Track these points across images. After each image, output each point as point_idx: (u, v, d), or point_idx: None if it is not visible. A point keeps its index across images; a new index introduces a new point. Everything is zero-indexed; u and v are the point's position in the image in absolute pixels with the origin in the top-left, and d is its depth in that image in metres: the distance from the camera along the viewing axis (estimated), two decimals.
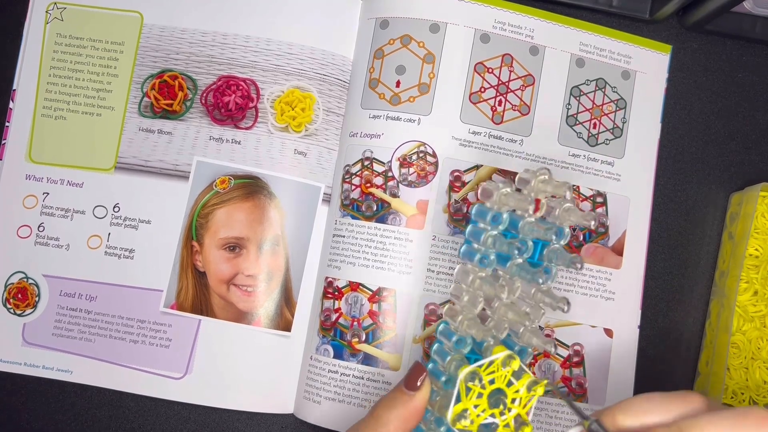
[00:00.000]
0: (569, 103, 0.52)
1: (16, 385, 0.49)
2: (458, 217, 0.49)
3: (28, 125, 0.50)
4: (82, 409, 0.50)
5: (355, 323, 0.48)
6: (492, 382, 0.36)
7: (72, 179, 0.50)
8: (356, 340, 0.48)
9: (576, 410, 0.33)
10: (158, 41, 0.51)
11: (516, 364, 0.36)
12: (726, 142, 0.55)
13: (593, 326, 0.50)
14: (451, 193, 0.49)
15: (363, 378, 0.47)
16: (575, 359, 0.49)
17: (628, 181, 0.52)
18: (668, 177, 0.54)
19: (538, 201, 0.38)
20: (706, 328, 0.53)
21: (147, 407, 0.50)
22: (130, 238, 0.49)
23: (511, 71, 0.51)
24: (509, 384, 0.36)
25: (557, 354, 0.49)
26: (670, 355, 0.53)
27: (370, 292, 0.48)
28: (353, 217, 0.49)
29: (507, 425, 0.35)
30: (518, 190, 0.39)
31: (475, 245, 0.39)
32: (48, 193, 0.50)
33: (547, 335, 0.49)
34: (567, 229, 0.37)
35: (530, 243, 0.38)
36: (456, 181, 0.49)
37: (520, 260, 0.38)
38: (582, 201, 0.51)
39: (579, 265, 0.36)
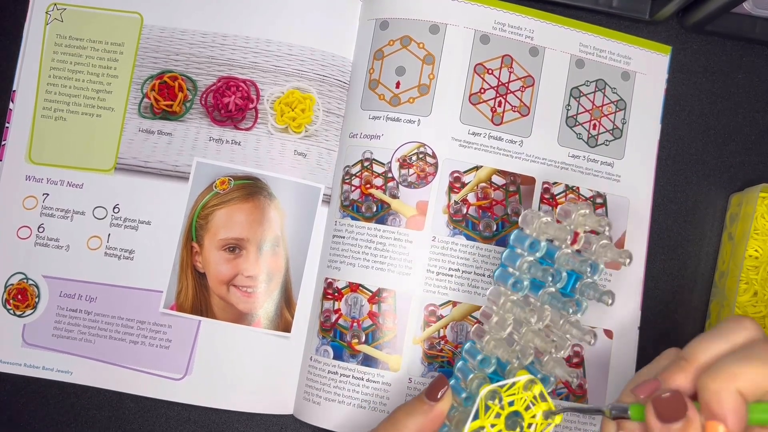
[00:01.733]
0: (569, 104, 0.52)
1: (16, 386, 0.49)
2: (458, 218, 0.49)
3: (28, 126, 0.50)
4: (82, 410, 0.50)
5: (355, 324, 0.48)
6: (511, 403, 0.36)
7: (72, 180, 0.50)
8: (356, 341, 0.48)
9: (589, 410, 0.34)
10: (158, 42, 0.51)
11: (537, 389, 0.36)
12: (726, 142, 0.55)
13: (593, 327, 0.50)
14: (451, 194, 0.49)
15: (363, 379, 0.47)
16: (575, 360, 0.49)
17: (628, 182, 0.52)
18: (668, 178, 0.54)
19: (576, 234, 0.39)
20: (706, 329, 0.53)
21: (147, 408, 0.50)
22: (129, 239, 0.49)
23: (510, 72, 0.51)
24: (527, 408, 0.36)
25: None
26: None
27: (370, 293, 0.48)
28: (353, 218, 0.49)
29: None
30: (558, 221, 0.40)
31: (510, 269, 0.40)
32: (48, 194, 0.50)
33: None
34: (602, 266, 0.38)
35: (564, 274, 0.38)
36: (456, 182, 0.49)
37: (552, 289, 0.38)
38: (582, 202, 0.51)
39: (610, 301, 0.37)
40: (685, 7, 0.51)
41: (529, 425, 0.36)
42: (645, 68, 0.53)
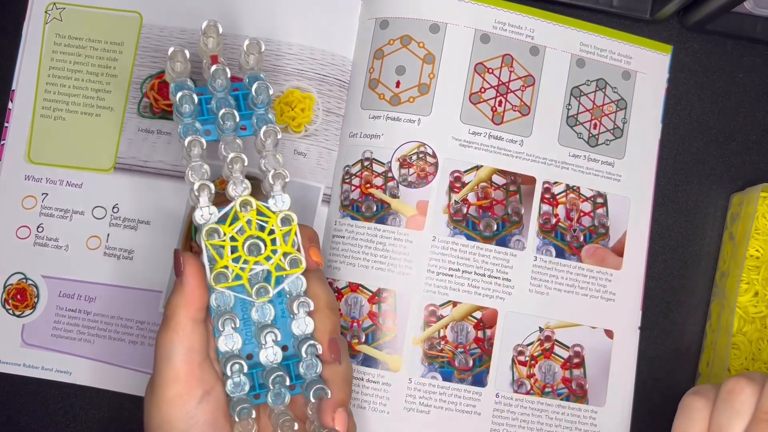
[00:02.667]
0: (569, 104, 0.52)
1: (15, 386, 0.49)
2: (458, 218, 0.49)
3: (27, 126, 0.50)
4: (82, 410, 0.50)
5: (355, 324, 0.48)
6: (242, 232, 0.35)
7: (71, 180, 0.50)
8: (356, 341, 0.48)
9: None
10: (158, 41, 0.51)
11: (256, 204, 0.35)
12: (726, 142, 0.54)
13: (593, 327, 0.50)
14: (451, 194, 0.49)
15: (363, 379, 0.47)
16: (575, 360, 0.49)
17: (629, 182, 0.52)
18: (669, 177, 0.54)
19: (213, 56, 0.37)
20: (706, 329, 0.53)
21: None
22: (129, 239, 0.49)
23: (511, 71, 0.51)
24: (263, 230, 0.35)
25: (556, 355, 0.49)
26: (671, 356, 0.53)
27: (370, 293, 0.48)
28: (353, 218, 0.49)
29: (279, 267, 0.35)
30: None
31: (191, 124, 0.37)
32: (47, 194, 0.50)
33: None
34: (263, 75, 0.37)
35: (232, 100, 0.37)
36: (456, 182, 0.49)
37: (228, 122, 0.37)
38: (582, 201, 0.51)
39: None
40: (685, 6, 0.51)
41: (273, 241, 0.35)
42: (646, 68, 0.53)
